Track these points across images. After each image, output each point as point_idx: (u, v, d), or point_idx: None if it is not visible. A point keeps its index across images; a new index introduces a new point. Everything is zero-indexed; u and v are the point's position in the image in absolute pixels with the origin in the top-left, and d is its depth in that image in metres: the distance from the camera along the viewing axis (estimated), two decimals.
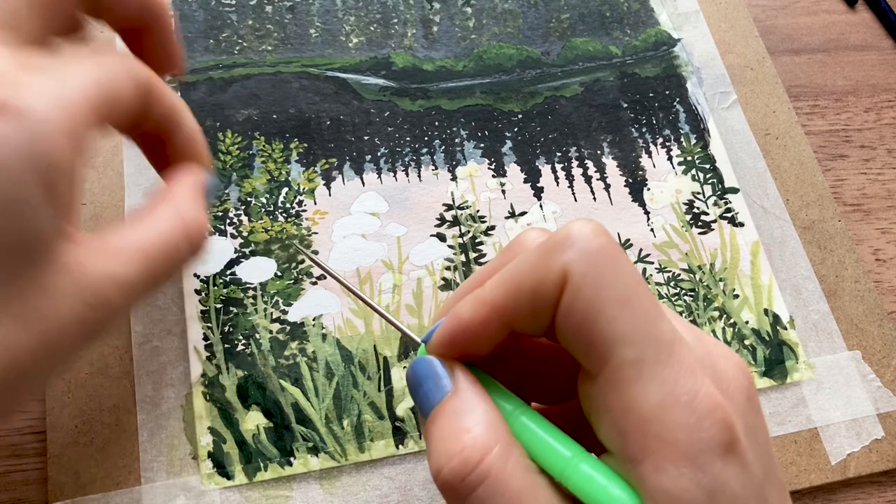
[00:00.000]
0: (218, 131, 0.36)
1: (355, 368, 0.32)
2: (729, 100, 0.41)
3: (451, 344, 0.21)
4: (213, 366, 0.31)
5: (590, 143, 0.39)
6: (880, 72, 0.45)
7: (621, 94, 0.41)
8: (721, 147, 0.40)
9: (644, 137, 0.40)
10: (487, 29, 0.42)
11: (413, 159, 0.37)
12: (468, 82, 0.40)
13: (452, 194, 0.37)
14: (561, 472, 0.19)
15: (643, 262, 0.36)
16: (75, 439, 0.30)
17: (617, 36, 0.42)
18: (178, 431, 0.30)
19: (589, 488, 0.18)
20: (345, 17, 0.41)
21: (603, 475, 0.18)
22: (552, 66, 0.41)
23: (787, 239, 0.38)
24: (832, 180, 0.41)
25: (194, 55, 0.38)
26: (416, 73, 0.39)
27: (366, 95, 0.38)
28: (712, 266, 0.37)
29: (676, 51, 0.42)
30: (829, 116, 0.43)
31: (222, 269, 0.33)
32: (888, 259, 0.39)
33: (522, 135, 0.39)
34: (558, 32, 0.42)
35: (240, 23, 0.39)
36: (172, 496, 0.29)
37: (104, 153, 0.35)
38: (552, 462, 0.19)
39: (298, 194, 0.35)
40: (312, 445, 0.31)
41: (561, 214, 0.37)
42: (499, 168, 0.38)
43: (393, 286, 0.34)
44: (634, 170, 0.39)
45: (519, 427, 0.20)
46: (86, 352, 0.24)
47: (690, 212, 0.38)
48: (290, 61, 0.39)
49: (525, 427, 0.20)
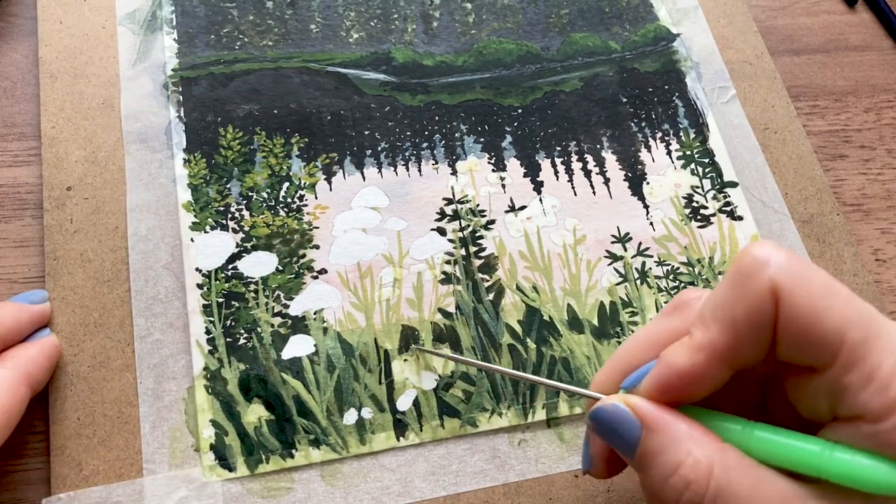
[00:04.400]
0: (219, 126, 0.36)
1: (356, 361, 0.32)
2: (728, 94, 0.41)
3: (665, 393, 0.22)
4: (215, 359, 0.32)
5: (589, 138, 0.39)
6: (880, 72, 0.45)
7: (621, 88, 0.41)
8: (720, 141, 0.40)
9: (643, 132, 0.40)
10: (487, 24, 0.42)
11: (413, 154, 0.37)
12: (468, 77, 0.40)
13: (452, 189, 0.37)
14: (818, 467, 0.20)
15: (642, 255, 0.36)
16: (77, 431, 0.30)
17: (616, 31, 0.43)
18: (181, 424, 0.30)
19: (855, 473, 0.19)
20: (345, 12, 0.41)
21: (862, 456, 0.20)
22: (552, 62, 0.41)
23: (786, 233, 0.38)
24: (832, 180, 0.41)
25: (195, 51, 0.38)
26: (417, 69, 0.40)
27: (366, 90, 0.39)
28: (711, 259, 0.37)
29: (675, 46, 0.43)
30: (828, 116, 0.43)
31: (224, 263, 0.34)
32: (888, 259, 0.39)
33: (522, 129, 0.39)
34: (558, 28, 0.42)
35: (241, 18, 0.40)
36: (174, 488, 0.29)
37: (106, 148, 0.35)
38: (804, 461, 0.20)
39: (299, 189, 0.36)
40: (314, 438, 0.31)
41: (561, 208, 0.37)
42: (499, 162, 0.38)
43: (393, 280, 0.34)
44: (634, 164, 0.39)
45: (757, 441, 0.21)
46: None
47: (689, 206, 0.38)
48: (290, 56, 0.39)
49: (763, 439, 0.21)
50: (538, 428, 0.32)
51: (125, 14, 0.39)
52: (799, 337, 0.20)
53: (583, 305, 0.35)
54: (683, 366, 0.21)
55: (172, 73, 0.37)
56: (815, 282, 0.20)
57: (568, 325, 0.34)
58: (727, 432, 0.21)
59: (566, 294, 0.35)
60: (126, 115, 0.36)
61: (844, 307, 0.20)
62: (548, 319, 0.34)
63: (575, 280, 0.35)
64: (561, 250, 0.36)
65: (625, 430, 0.22)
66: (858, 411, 0.20)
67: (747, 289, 0.20)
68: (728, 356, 0.21)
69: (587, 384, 0.33)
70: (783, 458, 0.20)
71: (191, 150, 0.36)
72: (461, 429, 0.32)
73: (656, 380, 0.22)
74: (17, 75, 0.37)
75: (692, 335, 0.21)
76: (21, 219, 0.34)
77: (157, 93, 0.37)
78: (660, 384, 0.22)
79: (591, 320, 0.35)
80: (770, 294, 0.20)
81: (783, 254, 0.21)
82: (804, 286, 0.20)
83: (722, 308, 0.21)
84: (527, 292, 0.35)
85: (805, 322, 0.20)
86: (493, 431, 0.32)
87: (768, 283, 0.20)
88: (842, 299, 0.20)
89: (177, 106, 0.37)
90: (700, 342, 0.21)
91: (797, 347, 0.20)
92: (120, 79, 0.37)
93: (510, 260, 0.36)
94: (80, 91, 0.36)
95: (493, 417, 0.32)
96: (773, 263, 0.20)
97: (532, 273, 0.35)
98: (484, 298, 0.34)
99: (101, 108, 0.36)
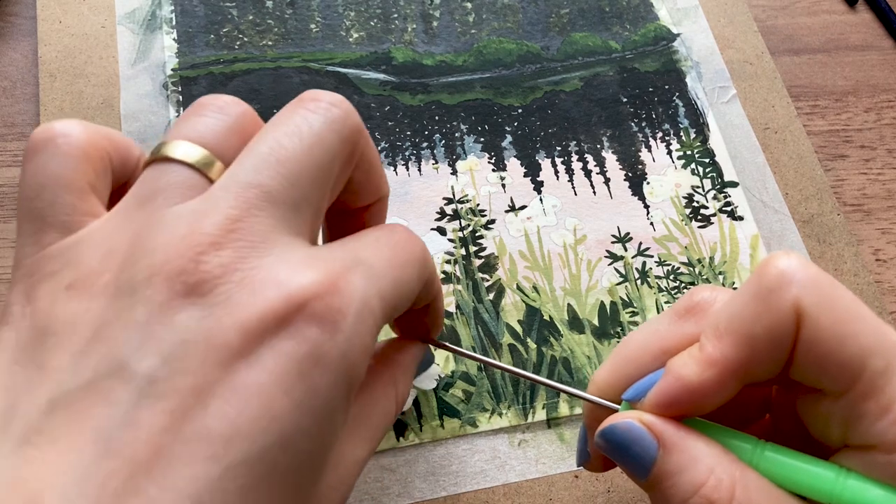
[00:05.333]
0: None
1: None
2: (728, 94, 0.41)
3: (671, 407, 0.21)
4: None
5: (589, 138, 0.39)
6: (880, 72, 0.45)
7: (621, 88, 0.41)
8: (720, 141, 0.40)
9: (644, 132, 0.40)
10: (487, 24, 0.42)
11: (413, 153, 0.37)
12: (468, 77, 0.40)
13: (452, 188, 0.37)
14: (829, 492, 0.19)
15: (643, 255, 0.36)
16: None
17: (616, 31, 0.43)
18: None
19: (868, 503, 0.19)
20: (345, 12, 0.41)
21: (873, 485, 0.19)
22: (552, 61, 0.41)
23: (787, 233, 0.38)
24: (832, 180, 0.41)
25: (195, 50, 0.38)
26: (417, 68, 0.40)
27: (366, 90, 0.39)
28: (712, 260, 0.37)
29: (676, 46, 0.43)
30: (829, 116, 0.43)
31: None
32: (888, 259, 0.39)
33: (522, 129, 0.39)
34: (558, 27, 0.42)
35: (240, 18, 0.39)
36: None
37: None
38: (817, 487, 0.20)
39: None
40: None
41: (561, 208, 0.37)
42: (499, 162, 0.38)
43: None
44: (634, 164, 0.39)
45: (767, 462, 0.20)
46: None
47: (690, 206, 0.38)
48: (290, 56, 0.39)
49: (775, 460, 0.20)
50: (538, 428, 0.32)
51: (125, 13, 0.39)
52: (818, 361, 0.19)
53: (583, 305, 0.35)
54: (693, 380, 0.20)
55: (172, 72, 0.37)
56: (840, 305, 0.19)
57: (568, 325, 0.34)
58: (737, 451, 0.21)
59: (566, 294, 0.35)
60: (125, 114, 0.36)
61: (868, 334, 0.19)
62: (548, 319, 0.34)
63: (575, 280, 0.35)
64: (561, 250, 0.36)
65: (640, 449, 0.21)
66: (873, 441, 0.19)
67: (769, 305, 0.19)
68: (740, 372, 0.20)
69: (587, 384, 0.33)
70: (795, 481, 0.20)
71: None
72: (461, 429, 0.32)
73: (664, 394, 0.21)
74: (17, 75, 0.37)
75: (703, 347, 0.20)
76: None
77: (156, 92, 0.37)
78: (668, 398, 0.21)
79: (592, 320, 0.35)
80: (793, 313, 0.19)
81: (810, 270, 0.20)
82: (830, 309, 0.19)
83: (740, 321, 0.20)
84: (527, 292, 0.35)
85: (826, 347, 0.19)
86: (493, 431, 0.32)
87: (793, 301, 0.19)
88: (866, 324, 0.19)
89: (176, 106, 0.37)
90: (712, 356, 0.20)
91: (814, 371, 0.20)
92: (119, 78, 0.37)
93: (510, 260, 0.35)
94: (79, 91, 0.36)
95: (493, 417, 0.32)
96: (799, 281, 0.19)
97: (532, 273, 0.35)
98: (484, 298, 0.34)
99: (101, 108, 0.36)
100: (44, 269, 0.18)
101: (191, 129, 0.19)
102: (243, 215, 0.17)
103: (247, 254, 0.17)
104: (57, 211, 0.18)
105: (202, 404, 0.15)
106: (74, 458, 0.15)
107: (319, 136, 0.19)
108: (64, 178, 0.19)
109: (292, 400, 0.16)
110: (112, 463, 0.15)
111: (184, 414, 0.15)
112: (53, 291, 0.17)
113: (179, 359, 0.16)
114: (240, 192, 0.17)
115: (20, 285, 0.18)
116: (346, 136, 0.20)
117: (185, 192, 0.18)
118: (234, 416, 0.15)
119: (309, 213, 0.19)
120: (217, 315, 0.16)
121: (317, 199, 0.19)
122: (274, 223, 0.18)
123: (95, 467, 0.15)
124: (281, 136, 0.19)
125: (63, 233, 0.18)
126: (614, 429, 0.21)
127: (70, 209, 0.18)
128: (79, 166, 0.19)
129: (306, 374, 0.16)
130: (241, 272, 0.17)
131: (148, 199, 0.18)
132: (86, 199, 0.19)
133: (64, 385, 0.16)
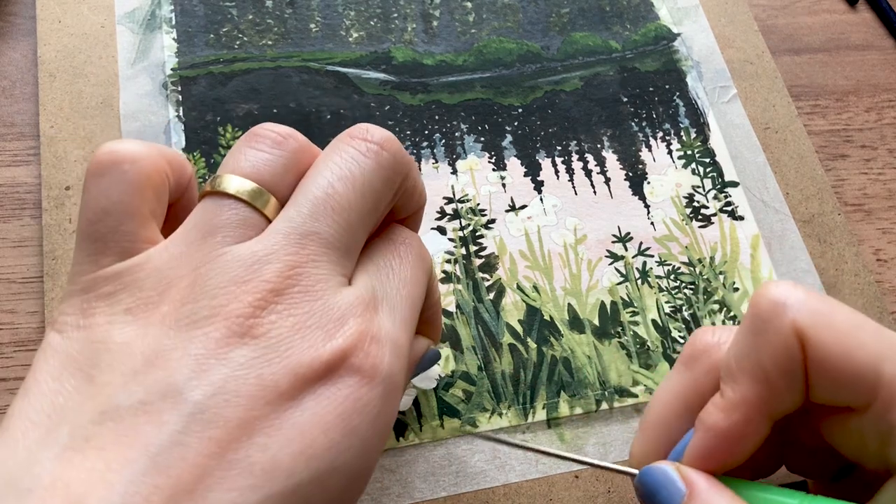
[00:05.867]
0: (218, 126, 0.36)
1: None
2: (729, 94, 0.41)
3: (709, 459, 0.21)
4: None
5: (590, 137, 0.39)
6: (881, 71, 0.45)
7: (621, 88, 0.41)
8: (721, 141, 0.40)
9: (644, 131, 0.40)
10: (487, 23, 0.42)
11: (413, 153, 0.37)
12: (468, 77, 0.40)
13: (453, 188, 0.37)
14: None
15: (643, 255, 0.36)
16: None
17: (617, 30, 0.43)
18: None
19: None
20: (345, 11, 0.41)
21: None
22: (552, 61, 0.41)
23: (787, 232, 0.38)
24: (833, 180, 0.41)
25: (194, 50, 0.38)
26: (417, 68, 0.39)
27: (366, 90, 0.39)
28: (712, 259, 0.37)
29: (676, 45, 0.42)
30: (829, 116, 0.43)
31: None
32: (889, 259, 0.39)
33: (522, 129, 0.39)
34: (558, 27, 0.42)
35: (240, 17, 0.39)
36: None
37: None
38: None
39: None
40: None
41: (561, 208, 0.37)
42: (499, 162, 0.38)
43: None
44: (634, 164, 0.39)
45: None
46: None
47: (690, 205, 0.38)
48: (290, 56, 0.39)
49: None
50: (538, 428, 0.32)
51: (124, 13, 0.38)
52: (832, 376, 0.19)
53: (583, 305, 0.35)
54: (722, 427, 0.20)
55: (171, 72, 0.37)
56: (839, 318, 0.19)
57: (569, 325, 0.34)
58: None
59: (567, 293, 0.35)
60: (125, 114, 0.36)
61: (874, 341, 0.19)
62: (548, 319, 0.34)
63: (575, 279, 0.35)
64: (561, 250, 0.36)
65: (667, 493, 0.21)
66: None
67: (769, 335, 0.20)
68: (765, 408, 0.20)
69: (587, 384, 0.33)
70: None
71: (190, 149, 0.36)
72: (461, 429, 0.31)
73: (699, 447, 0.21)
74: (16, 75, 0.37)
75: (724, 393, 0.21)
76: (20, 218, 0.34)
77: (156, 92, 0.37)
78: (704, 451, 0.21)
79: (592, 320, 0.34)
80: (795, 337, 0.19)
81: (801, 292, 0.20)
82: (828, 325, 0.19)
83: (748, 358, 0.20)
84: (527, 292, 0.35)
85: (835, 361, 0.19)
86: (493, 431, 0.32)
87: (791, 325, 0.19)
88: (869, 333, 0.19)
89: (176, 105, 0.37)
90: (734, 400, 0.20)
91: (832, 388, 0.19)
92: (119, 78, 0.37)
93: (510, 259, 0.35)
94: (78, 90, 0.36)
95: (493, 417, 0.32)
96: (793, 304, 0.19)
97: (532, 272, 0.35)
98: (484, 298, 0.34)
99: (100, 108, 0.36)
100: (101, 288, 0.19)
101: (247, 164, 0.20)
102: (301, 262, 0.19)
103: (300, 299, 0.18)
104: (119, 238, 0.19)
105: (247, 436, 0.16)
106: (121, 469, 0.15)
107: (371, 184, 0.20)
108: (128, 207, 0.19)
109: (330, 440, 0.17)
110: (158, 479, 0.15)
111: (229, 443, 0.16)
112: (112, 312, 0.18)
113: (230, 392, 0.17)
114: (298, 239, 0.19)
115: (75, 299, 0.19)
116: (393, 180, 0.21)
117: (242, 232, 0.19)
118: (276, 451, 0.17)
119: (357, 252, 0.21)
120: (269, 357, 0.17)
121: (364, 237, 0.21)
122: (329, 269, 0.19)
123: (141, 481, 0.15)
124: (335, 181, 0.20)
125: (121, 256, 0.19)
126: (650, 471, 0.22)
127: (132, 237, 0.19)
128: (143, 194, 0.20)
129: (346, 417, 0.18)
130: (294, 318, 0.18)
131: (208, 235, 0.19)
132: (146, 226, 0.20)
133: (115, 399, 0.16)
